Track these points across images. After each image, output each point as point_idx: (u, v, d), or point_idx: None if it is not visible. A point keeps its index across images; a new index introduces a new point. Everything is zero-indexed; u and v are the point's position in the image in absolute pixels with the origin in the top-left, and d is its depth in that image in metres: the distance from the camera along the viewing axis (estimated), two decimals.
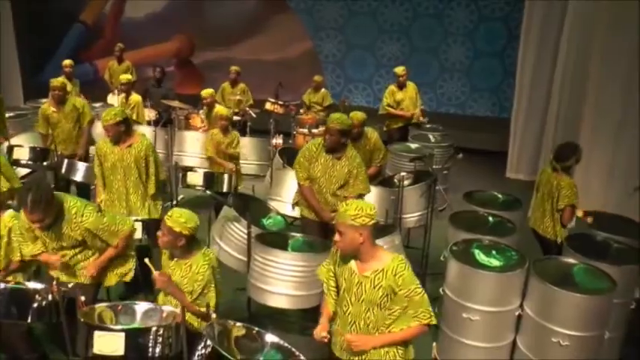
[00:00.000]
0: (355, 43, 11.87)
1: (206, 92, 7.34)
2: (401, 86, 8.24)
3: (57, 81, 6.51)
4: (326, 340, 2.98)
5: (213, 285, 3.35)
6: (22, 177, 5.91)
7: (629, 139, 5.72)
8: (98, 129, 6.45)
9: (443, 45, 11.41)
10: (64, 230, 3.67)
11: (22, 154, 6.11)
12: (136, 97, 7.74)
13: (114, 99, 9.23)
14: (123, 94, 7.78)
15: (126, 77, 7.80)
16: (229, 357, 2.72)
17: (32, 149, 6.20)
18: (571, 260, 4.22)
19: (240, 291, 4.81)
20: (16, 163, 5.95)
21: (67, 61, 8.89)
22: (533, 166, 8.46)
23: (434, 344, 4.47)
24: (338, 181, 4.63)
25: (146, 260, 3.57)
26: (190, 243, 3.36)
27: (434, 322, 2.93)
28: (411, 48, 11.52)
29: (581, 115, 6.25)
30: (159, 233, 3.36)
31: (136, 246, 4.20)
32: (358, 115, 5.64)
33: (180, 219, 3.27)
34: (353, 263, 2.95)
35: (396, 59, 11.26)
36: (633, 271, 4.24)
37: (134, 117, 7.41)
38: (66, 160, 6.04)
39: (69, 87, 7.18)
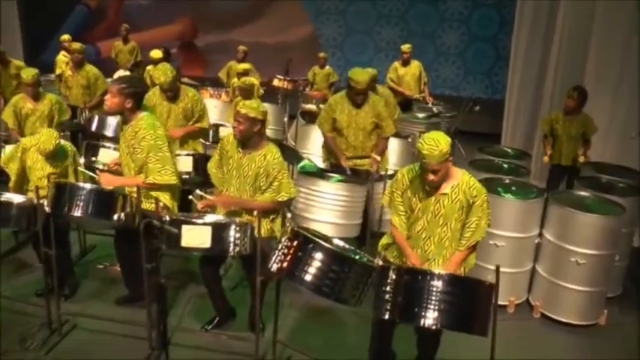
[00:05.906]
0: (355, 28, 12.31)
1: (242, 67, 8.08)
2: (405, 63, 8.69)
3: (76, 44, 6.88)
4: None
5: (286, 172, 3.70)
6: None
7: (624, 107, 6.30)
8: None
9: (439, 30, 11.92)
10: (126, 133, 3.78)
11: None
12: None
13: None
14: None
15: (157, 54, 8.30)
16: (321, 242, 2.98)
17: None
18: (583, 193, 4.71)
19: None
20: None
21: (65, 36, 9.11)
22: (526, 142, 8.94)
23: None
24: (365, 127, 5.03)
25: (198, 191, 3.91)
26: (263, 129, 3.67)
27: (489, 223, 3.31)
28: (408, 32, 11.98)
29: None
30: (233, 124, 3.62)
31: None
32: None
33: (252, 105, 3.61)
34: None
35: (394, 43, 11.70)
36: (636, 202, 4.77)
37: None
38: (96, 117, 6.25)
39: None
